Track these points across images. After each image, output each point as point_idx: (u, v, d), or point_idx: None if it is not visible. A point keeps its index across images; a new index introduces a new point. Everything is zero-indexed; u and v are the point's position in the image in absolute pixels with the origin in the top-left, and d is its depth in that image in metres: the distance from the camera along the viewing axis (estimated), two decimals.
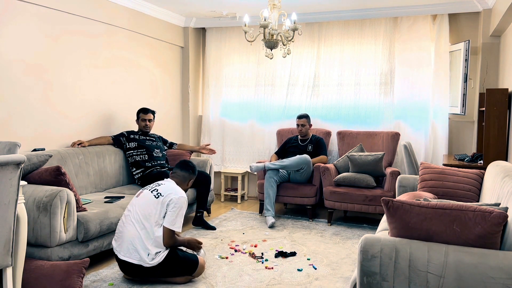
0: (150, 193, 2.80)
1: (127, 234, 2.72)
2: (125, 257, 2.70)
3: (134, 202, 2.82)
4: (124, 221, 2.78)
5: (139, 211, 2.74)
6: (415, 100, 4.83)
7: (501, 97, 3.61)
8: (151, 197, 2.77)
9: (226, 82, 5.66)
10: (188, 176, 2.97)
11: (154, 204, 2.72)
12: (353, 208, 4.25)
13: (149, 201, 2.75)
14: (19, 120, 3.44)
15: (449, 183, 2.99)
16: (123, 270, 2.80)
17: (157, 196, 2.76)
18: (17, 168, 2.07)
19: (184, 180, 2.96)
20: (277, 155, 4.93)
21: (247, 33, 3.49)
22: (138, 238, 2.68)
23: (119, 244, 2.75)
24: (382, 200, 1.84)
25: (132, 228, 2.71)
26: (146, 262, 2.67)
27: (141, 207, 2.75)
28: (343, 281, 2.91)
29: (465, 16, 4.68)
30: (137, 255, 2.68)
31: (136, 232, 2.69)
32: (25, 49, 3.47)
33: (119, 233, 2.79)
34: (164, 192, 2.77)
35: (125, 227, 2.75)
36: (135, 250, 2.68)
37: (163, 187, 2.82)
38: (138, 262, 2.67)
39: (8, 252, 2.13)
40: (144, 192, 2.84)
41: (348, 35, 5.08)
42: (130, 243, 2.69)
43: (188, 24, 5.53)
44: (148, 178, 4.05)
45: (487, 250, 1.64)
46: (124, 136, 4.25)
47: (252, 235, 3.97)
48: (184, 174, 2.96)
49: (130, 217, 2.76)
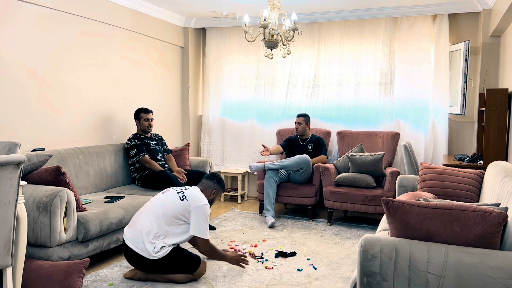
0: (176, 194, 2.89)
1: (140, 224, 2.79)
2: (132, 245, 2.76)
3: (159, 197, 2.92)
4: (142, 211, 2.87)
5: (160, 207, 2.82)
6: (415, 100, 4.83)
7: (501, 97, 3.61)
8: (176, 198, 2.85)
9: (226, 82, 5.66)
10: (212, 185, 3.04)
11: (178, 205, 2.81)
12: (353, 208, 4.25)
13: (174, 201, 2.84)
14: (19, 120, 3.44)
15: (449, 183, 2.99)
16: (127, 258, 2.84)
17: (182, 198, 2.85)
18: (17, 168, 2.07)
19: (208, 187, 3.03)
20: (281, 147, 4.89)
21: (247, 33, 3.48)
22: (149, 231, 2.75)
23: (130, 231, 2.82)
24: (382, 200, 1.84)
25: (147, 220, 2.79)
26: (150, 255, 2.71)
27: (163, 203, 2.84)
28: (343, 281, 2.91)
29: (465, 16, 4.68)
30: (142, 246, 2.73)
31: (150, 226, 2.76)
32: (25, 49, 3.47)
33: (133, 221, 2.87)
34: (189, 197, 2.85)
35: (141, 217, 2.83)
36: (142, 241, 2.73)
37: (189, 191, 2.91)
38: (142, 253, 2.72)
39: (8, 252, 2.13)
40: (171, 191, 2.94)
41: (348, 35, 5.08)
42: (140, 233, 2.75)
43: (188, 24, 5.54)
44: (148, 178, 4.05)
45: (487, 250, 1.64)
46: (139, 143, 4.18)
47: (252, 235, 3.97)
48: (208, 182, 3.05)
49: (149, 210, 2.84)
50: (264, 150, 4.61)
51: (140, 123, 4.30)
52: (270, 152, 4.65)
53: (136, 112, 4.33)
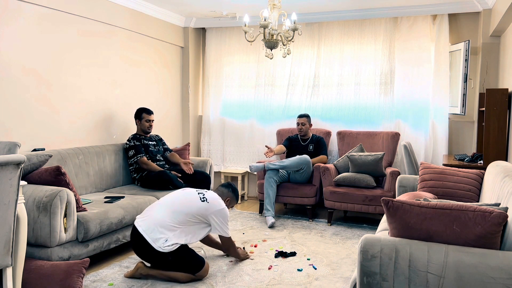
0: (197, 194, 2.98)
1: (156, 215, 2.83)
2: (144, 232, 2.77)
3: (178, 193, 3.00)
4: (157, 204, 2.93)
5: (179, 202, 2.89)
6: (415, 100, 4.83)
7: (501, 97, 3.61)
8: (196, 198, 2.93)
9: (226, 82, 5.66)
10: (227, 192, 3.19)
11: (197, 205, 2.88)
12: (353, 208, 4.25)
13: (194, 200, 2.91)
14: (19, 120, 3.44)
15: (449, 183, 2.99)
16: (134, 247, 2.86)
17: (202, 199, 2.93)
18: (17, 168, 2.07)
19: (223, 195, 3.16)
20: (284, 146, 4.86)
21: (247, 33, 3.48)
22: (163, 223, 2.78)
23: (143, 220, 2.84)
24: (382, 200, 1.84)
25: (163, 212, 2.83)
26: (159, 246, 2.73)
27: (183, 201, 2.91)
28: (343, 281, 2.91)
29: (465, 16, 4.68)
30: (154, 236, 2.75)
31: (166, 218, 2.80)
32: (24, 49, 3.47)
33: (147, 212, 2.91)
34: (210, 199, 2.95)
35: (156, 209, 2.88)
36: (155, 231, 2.76)
37: (209, 194, 3.01)
38: (152, 242, 2.74)
39: (8, 252, 2.13)
40: (191, 190, 3.04)
41: (348, 35, 5.08)
42: (154, 223, 2.79)
43: (188, 24, 5.53)
44: (147, 179, 4.05)
45: (487, 250, 1.64)
46: (138, 144, 4.18)
47: (252, 235, 3.97)
48: (224, 190, 3.20)
49: (166, 203, 2.90)
50: (268, 151, 4.58)
51: (141, 123, 4.29)
52: (274, 153, 4.64)
53: (138, 112, 4.32)
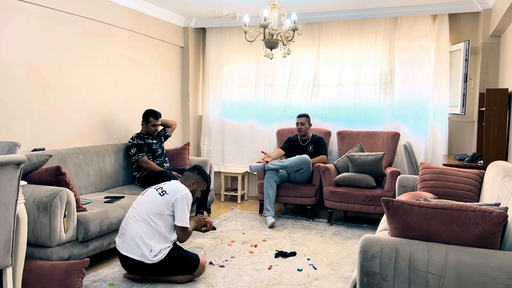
0: (155, 191, 2.89)
1: (130, 230, 2.76)
2: (127, 252, 2.73)
3: (139, 200, 2.89)
4: (128, 218, 2.84)
5: (143, 208, 2.81)
6: (415, 100, 4.83)
7: (501, 97, 3.61)
8: (156, 195, 2.85)
9: (226, 82, 5.66)
10: (192, 175, 3.03)
11: (159, 202, 2.80)
12: (353, 208, 4.25)
13: (154, 198, 2.83)
14: (19, 120, 3.43)
15: (449, 183, 2.99)
16: (124, 267, 2.82)
17: (162, 194, 2.84)
18: (17, 168, 2.07)
19: (187, 178, 3.02)
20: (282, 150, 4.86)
21: (247, 33, 3.48)
22: (140, 234, 2.73)
23: (122, 241, 2.79)
24: (382, 200, 1.84)
25: (135, 225, 2.76)
26: (147, 259, 2.69)
27: (146, 204, 2.82)
28: (343, 281, 2.91)
29: (465, 16, 4.68)
30: (139, 251, 2.71)
31: (139, 229, 2.74)
32: (24, 49, 3.46)
33: (122, 230, 2.84)
34: (168, 190, 2.85)
35: (129, 223, 2.80)
36: (137, 246, 2.71)
37: (167, 185, 2.92)
38: (140, 258, 2.70)
39: (8, 252, 2.13)
40: (150, 190, 2.94)
41: (348, 35, 5.08)
42: (132, 239, 2.73)
43: (188, 24, 5.53)
44: (148, 178, 4.05)
45: (487, 250, 1.64)
46: (141, 143, 4.19)
47: (252, 235, 3.97)
48: (188, 174, 3.06)
49: (134, 214, 2.81)
50: (266, 157, 4.57)
51: (147, 126, 4.29)
52: (272, 158, 4.64)
53: (146, 114, 4.30)
